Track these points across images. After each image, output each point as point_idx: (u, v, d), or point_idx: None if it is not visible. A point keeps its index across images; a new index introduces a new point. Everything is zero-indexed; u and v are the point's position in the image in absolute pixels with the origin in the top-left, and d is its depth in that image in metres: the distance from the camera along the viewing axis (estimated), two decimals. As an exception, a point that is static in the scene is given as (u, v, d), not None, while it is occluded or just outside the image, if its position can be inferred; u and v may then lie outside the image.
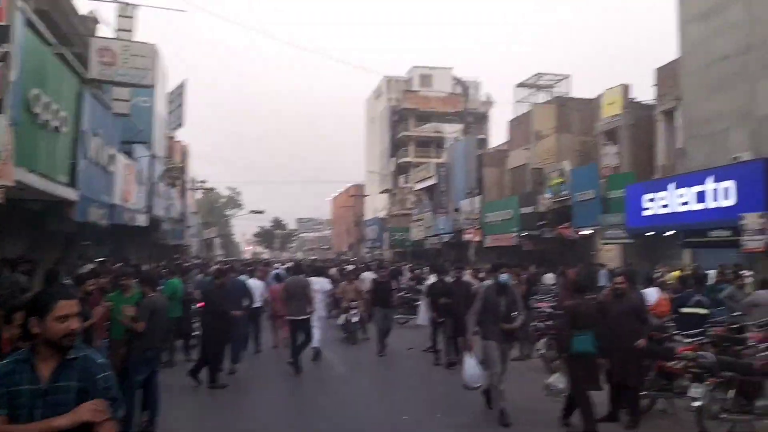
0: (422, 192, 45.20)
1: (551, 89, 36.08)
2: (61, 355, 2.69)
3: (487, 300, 7.63)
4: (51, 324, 2.67)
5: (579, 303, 7.43)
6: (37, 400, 2.61)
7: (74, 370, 2.68)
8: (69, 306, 2.71)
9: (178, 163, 34.37)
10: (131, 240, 24.82)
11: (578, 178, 22.87)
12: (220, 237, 65.48)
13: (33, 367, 2.66)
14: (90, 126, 13.64)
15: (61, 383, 2.65)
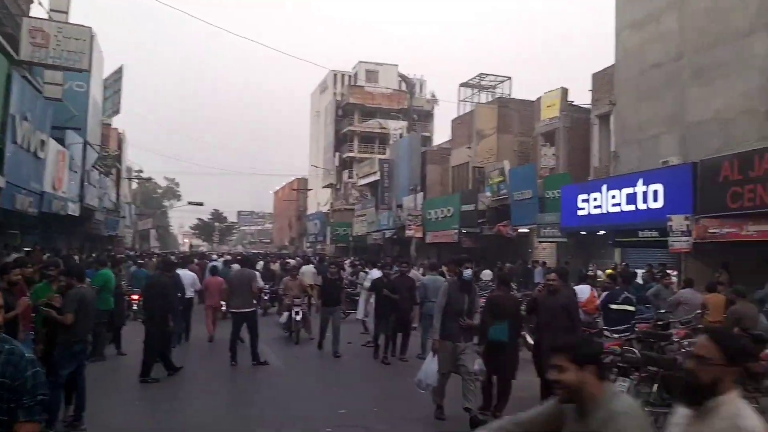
0: (365, 187, 45.24)
1: (494, 90, 36.73)
2: None
3: (449, 296, 7.38)
4: None
5: (499, 295, 7.97)
6: None
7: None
8: None
9: (113, 151, 33.29)
10: (62, 230, 23.90)
11: (517, 177, 23.38)
12: (157, 228, 63.76)
13: None
14: (19, 109, 13.06)
15: None
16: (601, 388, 2.45)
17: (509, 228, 23.64)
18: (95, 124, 25.61)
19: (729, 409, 2.29)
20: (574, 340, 2.77)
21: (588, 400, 2.43)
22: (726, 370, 2.31)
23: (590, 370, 2.44)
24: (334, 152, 55.74)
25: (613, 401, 2.40)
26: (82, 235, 28.57)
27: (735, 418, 2.25)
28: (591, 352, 2.51)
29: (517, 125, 27.61)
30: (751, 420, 2.26)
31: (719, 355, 2.31)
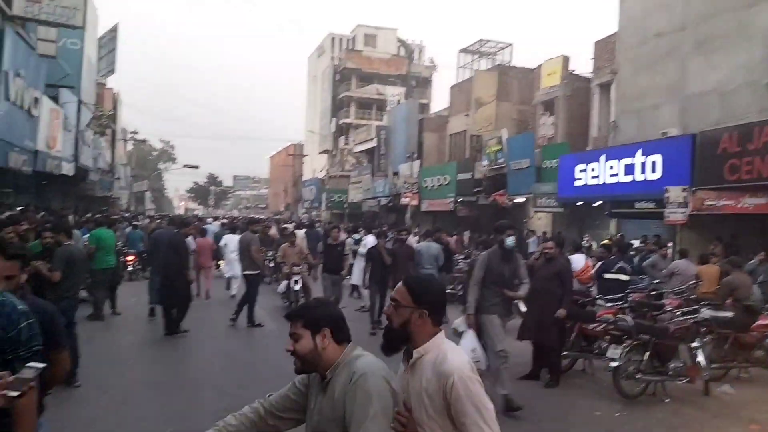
0: (362, 154, 45.01)
1: (494, 57, 36.32)
2: None
3: (489, 268, 6.70)
4: None
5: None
6: None
7: None
8: None
9: (107, 111, 32.91)
10: (56, 189, 23.77)
11: (515, 146, 23.26)
12: (152, 191, 63.55)
13: None
14: (12, 66, 12.85)
15: None
16: (339, 351, 2.31)
17: (505, 197, 23.60)
18: (90, 83, 25.26)
19: (433, 354, 2.31)
20: (307, 304, 2.52)
21: (328, 366, 2.29)
22: (416, 311, 2.33)
23: (326, 334, 2.30)
24: (330, 118, 55.29)
25: (353, 363, 2.27)
26: (77, 195, 28.42)
27: (439, 364, 2.26)
28: (324, 314, 2.35)
29: (517, 93, 27.36)
30: (453, 361, 2.26)
31: (408, 298, 2.36)
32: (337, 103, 55.28)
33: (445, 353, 2.29)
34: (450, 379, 2.20)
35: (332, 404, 2.23)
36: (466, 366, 2.27)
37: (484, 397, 2.24)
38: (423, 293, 2.37)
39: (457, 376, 2.20)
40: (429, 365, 2.28)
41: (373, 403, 2.12)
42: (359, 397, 2.14)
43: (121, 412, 6.00)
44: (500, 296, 6.66)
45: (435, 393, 2.24)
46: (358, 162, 46.20)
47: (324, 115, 57.90)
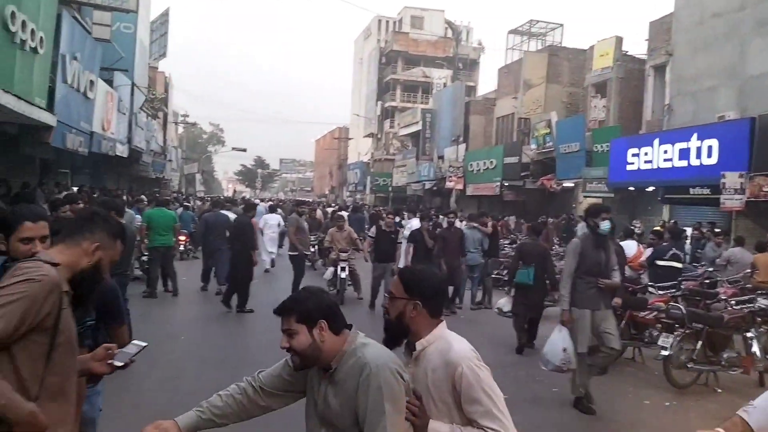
0: (407, 137, 44.86)
1: (544, 38, 35.55)
2: None
3: (583, 256, 6.06)
4: (15, 244, 2.63)
5: (526, 243, 9.29)
6: None
7: None
8: (34, 228, 2.63)
9: (160, 95, 33.62)
10: (110, 170, 24.49)
11: (564, 129, 22.81)
12: (202, 173, 64.80)
13: None
14: (69, 49, 13.19)
15: None
16: (340, 341, 2.18)
17: (553, 182, 23.22)
18: (142, 66, 25.81)
19: (437, 345, 2.28)
20: (296, 296, 2.28)
21: (330, 357, 2.17)
22: (409, 302, 2.30)
23: (323, 326, 2.15)
24: (376, 101, 55.20)
25: (360, 352, 2.14)
26: (130, 176, 29.24)
27: (445, 354, 2.24)
28: (317, 306, 2.19)
29: (567, 75, 26.77)
30: (459, 350, 2.24)
31: (401, 289, 2.33)
32: (383, 86, 55.11)
33: (450, 343, 2.27)
34: (459, 369, 2.18)
35: (343, 396, 2.13)
36: (472, 354, 2.25)
37: (494, 385, 2.22)
38: (415, 284, 2.33)
39: (465, 366, 2.18)
40: (434, 356, 2.26)
41: (386, 398, 2.04)
42: (372, 392, 2.04)
43: (171, 387, 6.18)
44: (595, 287, 6.02)
45: (442, 383, 2.21)
46: (402, 145, 46.06)
47: (369, 98, 57.84)
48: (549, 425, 5.71)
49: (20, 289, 1.96)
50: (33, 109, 10.98)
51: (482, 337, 9.25)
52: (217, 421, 2.31)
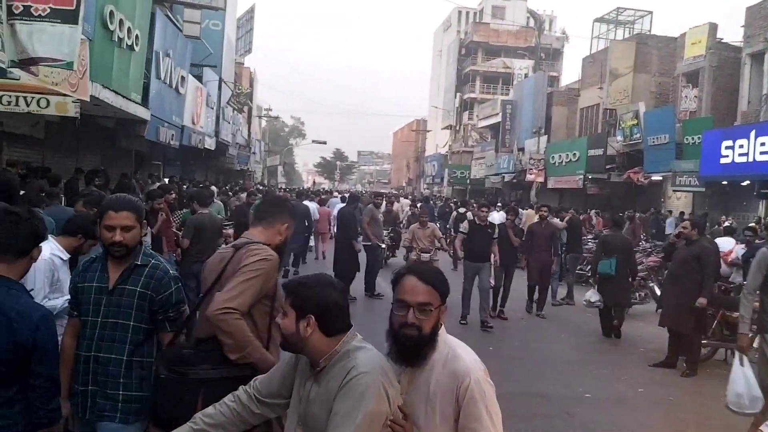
0: (486, 129, 44.31)
1: (632, 25, 34.15)
2: (130, 261, 2.79)
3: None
4: (102, 231, 2.79)
5: (609, 235, 9.66)
6: (102, 298, 2.76)
7: (141, 277, 2.78)
8: (116, 218, 2.74)
9: (245, 89, 34.68)
10: (199, 163, 25.53)
11: (653, 121, 21.86)
12: (283, 165, 66.47)
13: (104, 268, 2.80)
14: (162, 46, 13.85)
15: (126, 286, 2.76)
16: (331, 343, 2.03)
17: (641, 175, 22.33)
18: (229, 62, 26.73)
19: (441, 352, 2.07)
20: (302, 280, 2.14)
21: (317, 354, 2.04)
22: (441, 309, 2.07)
23: (310, 322, 2.01)
24: (455, 93, 54.79)
25: (352, 355, 2.01)
26: (216, 168, 30.39)
27: (451, 362, 2.04)
28: (314, 299, 2.03)
29: (656, 64, 25.64)
30: (467, 360, 2.05)
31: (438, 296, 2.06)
32: (462, 77, 54.63)
33: (456, 352, 2.09)
34: (466, 381, 2.01)
35: (324, 396, 2.00)
36: (480, 367, 2.07)
37: (495, 403, 2.07)
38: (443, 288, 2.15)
39: (473, 378, 2.01)
40: (438, 364, 2.06)
41: (363, 406, 1.89)
42: (350, 396, 1.91)
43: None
44: None
45: (446, 394, 2.02)
46: (481, 137, 45.53)
47: (448, 90, 57.48)
48: (635, 426, 5.54)
49: (260, 267, 2.71)
50: (129, 104, 11.62)
51: (564, 334, 9.10)
52: (210, 431, 2.21)
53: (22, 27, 6.15)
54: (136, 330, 2.76)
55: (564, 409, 5.71)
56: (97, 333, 2.74)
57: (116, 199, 2.88)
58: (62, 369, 2.74)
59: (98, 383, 2.73)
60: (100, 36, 10.02)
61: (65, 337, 2.86)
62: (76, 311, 2.84)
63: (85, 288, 2.78)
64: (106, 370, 2.73)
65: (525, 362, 7.32)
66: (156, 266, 2.83)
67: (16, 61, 6.25)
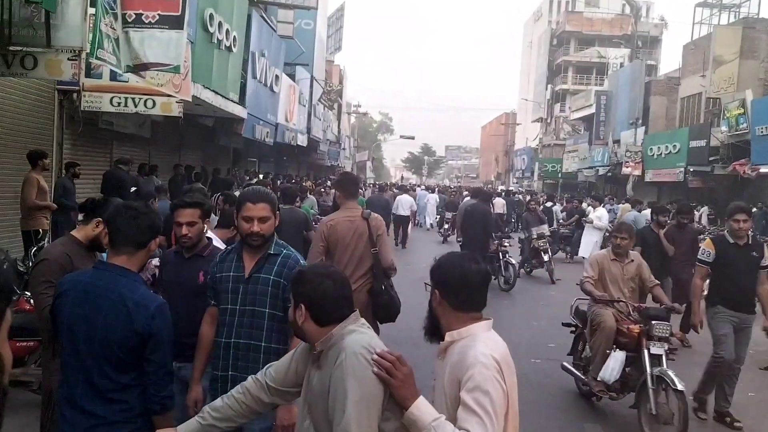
0: (578, 121, 42.97)
1: (737, 9, 32.06)
2: (263, 251, 2.96)
3: None
4: (240, 222, 2.97)
5: None
6: (239, 286, 2.94)
7: (274, 266, 2.95)
8: (254, 209, 2.92)
9: (335, 87, 35.33)
10: (292, 159, 26.29)
11: (761, 109, 20.47)
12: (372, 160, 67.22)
13: (240, 258, 2.98)
14: (258, 47, 14.36)
15: (260, 275, 2.93)
16: (320, 332, 2.09)
17: (747, 167, 20.98)
18: (320, 60, 27.32)
19: (465, 342, 2.13)
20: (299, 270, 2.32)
21: (311, 341, 2.13)
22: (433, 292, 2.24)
23: (301, 311, 2.10)
24: (546, 85, 53.41)
25: (344, 339, 2.05)
26: (308, 164, 31.18)
27: (465, 349, 2.10)
28: (304, 291, 2.11)
29: (765, 50, 23.94)
30: (478, 351, 2.07)
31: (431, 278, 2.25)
32: (554, 68, 53.18)
33: (476, 343, 2.10)
34: (469, 372, 2.03)
35: (321, 382, 2.09)
36: (493, 362, 2.05)
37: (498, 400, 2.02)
38: (435, 273, 2.25)
39: (477, 371, 2.02)
40: (455, 353, 2.13)
41: (351, 386, 1.95)
42: (340, 379, 1.98)
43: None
44: None
45: (454, 383, 2.08)
46: (574, 130, 44.20)
47: (539, 81, 56.12)
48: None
49: None
50: (228, 103, 12.14)
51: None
52: (218, 425, 2.29)
53: (134, 34, 6.50)
54: (271, 317, 2.91)
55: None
56: (236, 320, 2.91)
57: (253, 191, 3.06)
58: (198, 354, 2.98)
59: (238, 369, 2.87)
60: (201, 38, 10.52)
61: (203, 324, 3.07)
62: (214, 300, 3.02)
63: (222, 277, 2.96)
64: (246, 355, 2.88)
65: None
66: (288, 255, 3.00)
67: (131, 66, 6.66)
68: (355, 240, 4.65)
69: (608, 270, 5.60)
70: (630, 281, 5.57)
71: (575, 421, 5.44)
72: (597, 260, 5.72)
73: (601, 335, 5.32)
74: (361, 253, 4.66)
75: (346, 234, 4.64)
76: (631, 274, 5.59)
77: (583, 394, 5.87)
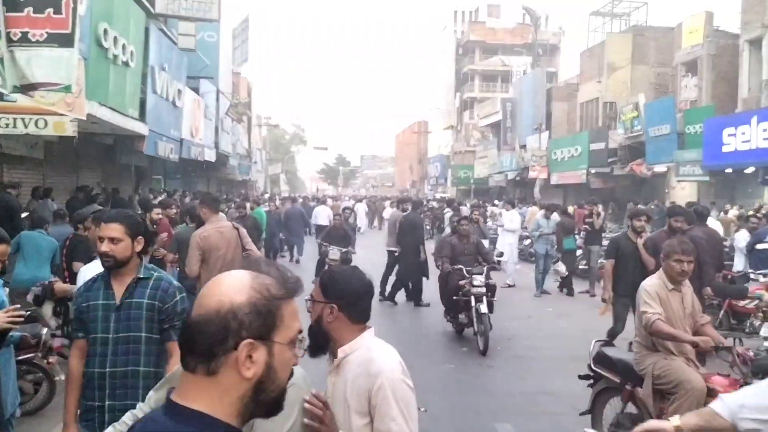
0: (487, 128, 44.24)
1: (628, 17, 34.06)
2: (132, 275, 2.87)
3: None
4: (97, 242, 2.90)
5: (565, 220, 12.45)
6: (110, 314, 2.83)
7: (146, 289, 2.87)
8: (105, 229, 2.84)
9: (243, 99, 34.73)
10: (200, 175, 25.57)
11: (653, 112, 21.78)
12: (286, 173, 66.54)
13: (108, 285, 2.87)
14: (157, 61, 13.85)
15: (133, 300, 2.84)
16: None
17: (644, 167, 22.25)
18: (226, 73, 26.77)
19: (359, 354, 2.13)
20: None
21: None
22: (326, 306, 2.16)
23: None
24: (454, 93, 54.75)
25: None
26: (218, 179, 30.42)
27: (367, 364, 2.09)
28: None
29: (654, 55, 25.55)
30: (382, 361, 2.10)
31: (319, 292, 2.20)
32: (461, 77, 54.58)
33: (372, 353, 2.13)
34: (378, 381, 2.05)
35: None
36: (397, 367, 2.11)
37: (411, 403, 2.08)
38: (332, 287, 2.19)
39: (385, 378, 2.05)
40: (354, 365, 2.12)
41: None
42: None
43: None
44: None
45: (361, 395, 2.08)
46: (483, 136, 45.45)
47: (448, 90, 57.43)
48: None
49: None
50: (127, 120, 11.63)
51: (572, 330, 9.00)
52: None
53: (21, 53, 6.21)
54: (148, 341, 2.85)
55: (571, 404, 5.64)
56: (111, 348, 2.81)
57: (110, 212, 3.08)
58: (71, 391, 2.84)
59: (116, 397, 2.80)
60: (95, 54, 10.03)
61: (71, 359, 2.93)
62: (81, 332, 2.89)
63: (90, 306, 2.85)
64: (124, 383, 2.81)
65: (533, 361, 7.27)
66: (160, 278, 2.94)
67: (17, 87, 6.30)
68: (225, 246, 5.52)
69: (668, 304, 4.15)
70: (689, 317, 4.28)
71: None
72: (657, 292, 4.15)
73: (686, 400, 3.87)
74: (232, 257, 5.43)
75: (218, 242, 5.49)
76: (689, 307, 4.28)
77: None
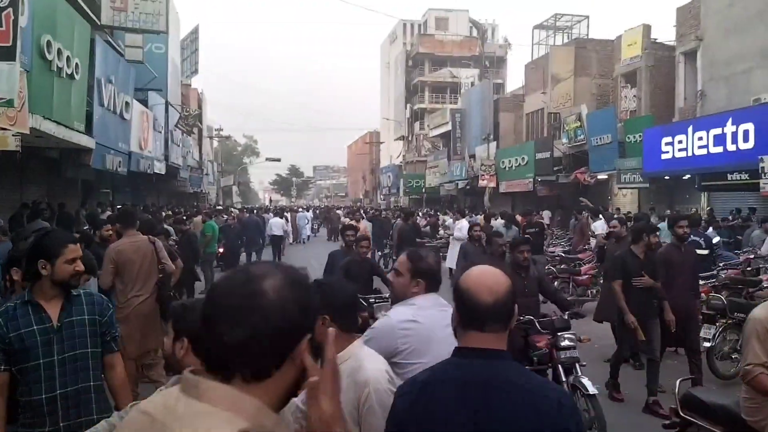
0: (437, 138, 44.81)
1: (570, 30, 35.18)
2: (66, 293, 2.86)
3: None
4: (61, 266, 2.80)
5: None
6: (50, 337, 2.76)
7: (83, 305, 2.90)
8: (76, 250, 2.88)
9: (193, 111, 34.29)
10: (150, 188, 25.09)
11: (595, 122, 22.53)
12: (238, 185, 65.79)
13: (37, 309, 2.77)
14: (104, 73, 13.63)
15: (73, 318, 2.85)
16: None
17: (587, 175, 22.95)
18: (175, 84, 26.43)
19: (349, 363, 2.12)
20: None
21: None
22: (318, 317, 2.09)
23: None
24: (405, 104, 55.30)
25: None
26: (169, 192, 29.90)
27: (355, 373, 2.09)
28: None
29: (596, 67, 26.45)
30: (370, 371, 2.10)
31: None
32: (411, 88, 55.17)
33: (361, 361, 2.13)
34: (365, 390, 2.06)
35: None
36: (384, 376, 2.12)
37: None
38: (321, 299, 2.11)
39: (372, 387, 2.06)
40: (345, 375, 2.03)
41: None
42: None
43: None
44: None
45: (348, 403, 2.04)
46: (433, 146, 46.00)
47: (398, 101, 57.96)
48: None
49: None
50: (72, 134, 11.39)
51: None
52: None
53: (-40, 67, 6.05)
54: (94, 355, 2.90)
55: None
56: (57, 371, 2.76)
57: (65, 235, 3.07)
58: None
59: (70, 416, 2.78)
60: (38, 67, 9.82)
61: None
62: (5, 364, 2.70)
63: (23, 334, 2.70)
64: (76, 401, 2.81)
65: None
66: (89, 293, 3.02)
67: (-44, 101, 6.14)
68: (140, 259, 5.58)
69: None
70: None
71: None
72: None
73: None
74: (147, 268, 5.60)
75: (132, 255, 5.55)
76: None
77: None
